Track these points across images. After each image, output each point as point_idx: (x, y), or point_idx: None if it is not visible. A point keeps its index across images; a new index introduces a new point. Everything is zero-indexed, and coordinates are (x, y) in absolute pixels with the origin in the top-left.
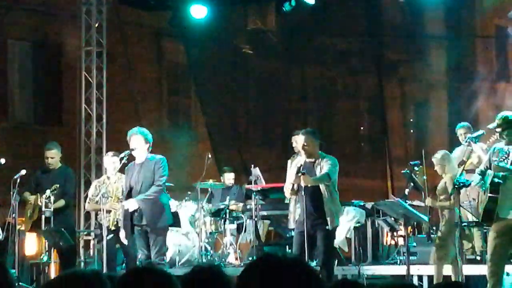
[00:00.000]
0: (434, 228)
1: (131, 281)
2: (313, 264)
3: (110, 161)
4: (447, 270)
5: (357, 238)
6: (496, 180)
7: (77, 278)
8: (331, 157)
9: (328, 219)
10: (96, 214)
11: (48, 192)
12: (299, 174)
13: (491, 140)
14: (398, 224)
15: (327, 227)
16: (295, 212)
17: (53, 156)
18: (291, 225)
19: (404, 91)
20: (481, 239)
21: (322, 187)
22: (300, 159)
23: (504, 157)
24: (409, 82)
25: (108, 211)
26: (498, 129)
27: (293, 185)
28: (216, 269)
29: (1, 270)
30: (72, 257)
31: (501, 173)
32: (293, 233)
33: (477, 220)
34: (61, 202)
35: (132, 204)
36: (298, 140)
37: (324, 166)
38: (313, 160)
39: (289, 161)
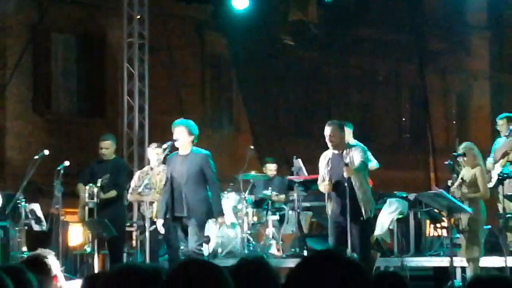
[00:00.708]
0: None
1: (180, 274)
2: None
3: (154, 152)
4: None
5: (399, 229)
6: None
7: (133, 271)
8: (359, 144)
9: (362, 210)
10: (139, 205)
11: (99, 182)
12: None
13: None
14: (441, 216)
15: (361, 218)
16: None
17: (107, 147)
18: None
19: (446, 81)
20: None
21: (353, 177)
22: (327, 153)
23: None
24: (451, 72)
25: (151, 203)
26: None
27: (331, 180)
28: (262, 261)
29: (44, 262)
30: (118, 248)
31: None
32: None
33: None
34: (113, 193)
35: (223, 219)
36: (325, 131)
37: (356, 155)
38: (340, 151)
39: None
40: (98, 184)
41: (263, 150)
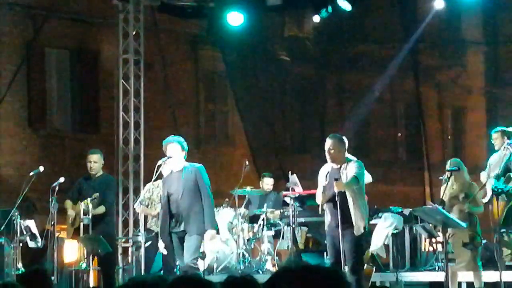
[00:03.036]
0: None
1: None
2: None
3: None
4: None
5: (395, 244)
6: None
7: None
8: (356, 160)
9: (354, 225)
10: (145, 219)
11: (88, 200)
12: (333, 181)
13: None
14: (436, 231)
15: (354, 234)
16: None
17: (96, 161)
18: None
19: (441, 97)
20: None
21: (348, 192)
22: (327, 167)
23: None
24: (446, 87)
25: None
26: None
27: (325, 192)
28: (249, 278)
29: (42, 278)
30: (111, 264)
31: None
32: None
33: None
34: (101, 209)
35: (212, 234)
36: (325, 145)
37: (351, 169)
38: (338, 166)
39: (323, 167)
40: (87, 202)
41: (259, 165)
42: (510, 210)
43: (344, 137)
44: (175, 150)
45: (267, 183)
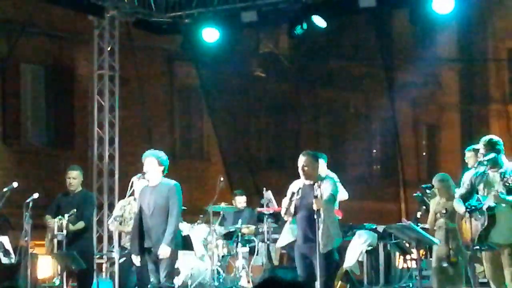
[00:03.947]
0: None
1: None
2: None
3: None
4: None
5: (369, 261)
6: None
7: None
8: (330, 177)
9: (322, 242)
10: (120, 236)
11: (66, 216)
12: (313, 197)
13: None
14: (410, 248)
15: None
16: (291, 233)
17: (75, 177)
18: (279, 243)
19: (416, 114)
20: None
21: (322, 210)
22: (299, 182)
23: None
24: (421, 104)
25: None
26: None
27: (288, 208)
28: None
29: None
30: (87, 280)
31: None
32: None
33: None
34: (81, 224)
35: (166, 251)
36: (298, 161)
37: (327, 187)
38: (312, 182)
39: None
40: (65, 217)
41: (234, 181)
42: (483, 228)
43: (321, 154)
44: (151, 164)
45: (239, 201)
